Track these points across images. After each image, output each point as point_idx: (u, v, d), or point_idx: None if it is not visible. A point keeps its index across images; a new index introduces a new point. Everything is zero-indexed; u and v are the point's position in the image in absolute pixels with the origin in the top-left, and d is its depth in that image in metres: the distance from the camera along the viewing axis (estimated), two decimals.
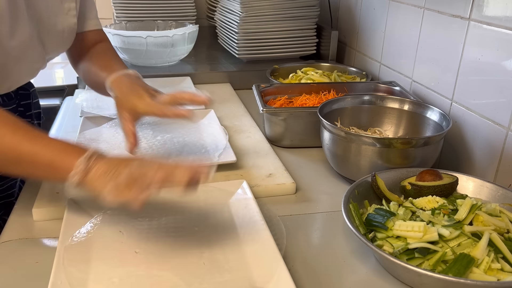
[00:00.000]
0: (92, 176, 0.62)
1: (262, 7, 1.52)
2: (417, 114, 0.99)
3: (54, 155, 0.64)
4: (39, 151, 0.64)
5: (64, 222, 0.70)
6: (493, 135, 0.89)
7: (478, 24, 0.92)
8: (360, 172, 0.85)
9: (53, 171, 0.65)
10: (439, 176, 0.78)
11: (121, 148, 0.97)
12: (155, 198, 0.78)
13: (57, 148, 0.65)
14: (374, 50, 1.39)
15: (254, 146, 1.03)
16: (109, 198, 0.61)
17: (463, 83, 0.98)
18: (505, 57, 0.85)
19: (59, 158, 0.64)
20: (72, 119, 1.16)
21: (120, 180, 0.61)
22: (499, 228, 0.67)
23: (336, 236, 0.75)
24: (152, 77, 1.43)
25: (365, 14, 1.44)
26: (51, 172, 0.65)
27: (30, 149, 0.64)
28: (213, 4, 1.96)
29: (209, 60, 1.69)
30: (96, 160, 0.63)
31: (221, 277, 0.62)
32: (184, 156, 0.95)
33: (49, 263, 0.62)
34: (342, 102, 1.03)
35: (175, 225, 0.73)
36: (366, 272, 0.67)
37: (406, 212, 0.72)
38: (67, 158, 0.64)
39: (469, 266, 0.60)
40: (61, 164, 0.64)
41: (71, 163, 0.63)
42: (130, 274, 0.62)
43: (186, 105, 0.85)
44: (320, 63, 1.48)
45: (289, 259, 0.69)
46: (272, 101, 1.15)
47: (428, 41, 1.10)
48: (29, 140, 0.65)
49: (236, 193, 0.81)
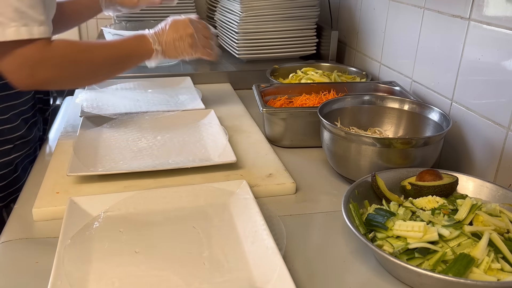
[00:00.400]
0: (166, 50, 0.99)
1: (262, 7, 1.52)
2: (417, 114, 0.99)
3: (138, 48, 0.97)
4: (133, 49, 0.97)
5: (64, 222, 0.70)
6: (493, 135, 0.89)
7: (478, 24, 0.92)
8: (360, 172, 0.85)
9: (142, 58, 0.99)
10: (439, 176, 0.78)
11: (121, 148, 0.97)
12: (155, 198, 0.78)
13: (137, 42, 0.98)
14: (374, 50, 1.39)
15: (254, 146, 1.03)
16: (188, 56, 1.03)
17: (463, 83, 0.98)
18: (505, 57, 0.85)
19: (143, 49, 0.97)
20: (72, 119, 1.16)
21: (185, 47, 1.01)
22: (499, 228, 0.67)
23: (336, 236, 0.75)
24: (152, 77, 1.43)
25: (365, 14, 1.44)
26: (141, 59, 0.99)
27: (125, 51, 0.97)
28: (213, 4, 1.96)
29: (209, 60, 1.69)
30: (161, 39, 0.98)
31: (221, 277, 0.62)
32: (184, 155, 0.95)
33: (49, 263, 0.62)
34: (342, 102, 1.03)
35: (175, 225, 0.73)
36: (366, 272, 0.67)
37: (406, 212, 0.72)
38: (146, 45, 0.97)
39: (469, 266, 0.60)
40: (146, 51, 0.97)
41: (150, 48, 0.97)
42: (130, 274, 0.62)
43: None
44: (320, 63, 1.48)
45: (289, 259, 0.69)
46: (272, 101, 1.15)
47: (428, 41, 1.10)
48: (118, 46, 0.96)
49: (236, 193, 0.81)
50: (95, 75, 0.96)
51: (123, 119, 1.10)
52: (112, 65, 0.96)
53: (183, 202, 0.78)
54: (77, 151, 0.92)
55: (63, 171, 0.88)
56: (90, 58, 0.91)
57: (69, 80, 0.92)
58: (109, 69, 0.96)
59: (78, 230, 0.70)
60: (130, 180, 0.87)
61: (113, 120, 1.09)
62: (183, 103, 1.23)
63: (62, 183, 0.85)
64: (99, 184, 0.86)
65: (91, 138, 1.00)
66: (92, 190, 0.83)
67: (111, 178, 0.87)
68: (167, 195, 0.79)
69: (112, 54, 0.95)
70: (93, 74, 0.95)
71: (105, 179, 0.87)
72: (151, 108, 1.18)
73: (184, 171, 0.90)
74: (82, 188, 0.84)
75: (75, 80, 0.95)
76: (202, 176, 0.89)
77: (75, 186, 0.85)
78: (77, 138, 0.98)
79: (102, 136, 1.03)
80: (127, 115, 1.13)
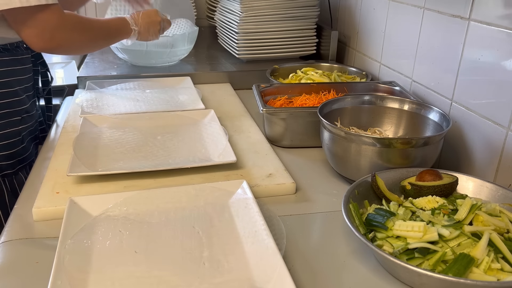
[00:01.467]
0: (141, 33, 1.21)
1: (262, 7, 1.52)
2: (417, 114, 0.99)
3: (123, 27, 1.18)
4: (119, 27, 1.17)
5: (64, 222, 0.70)
6: (493, 135, 0.89)
7: (478, 24, 0.92)
8: (360, 172, 0.85)
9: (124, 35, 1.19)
10: (439, 176, 0.78)
11: (121, 148, 0.97)
12: (155, 198, 0.78)
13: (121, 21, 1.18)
14: (374, 50, 1.39)
15: (254, 146, 1.03)
16: (154, 39, 1.27)
17: (463, 83, 0.98)
18: (505, 57, 0.85)
19: (126, 28, 1.18)
20: (72, 119, 1.16)
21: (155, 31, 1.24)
22: (499, 228, 0.66)
23: (336, 236, 0.75)
24: (152, 77, 1.43)
25: (365, 14, 1.44)
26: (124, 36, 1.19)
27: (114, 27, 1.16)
28: (213, 4, 1.96)
29: (209, 60, 1.69)
30: (137, 22, 1.19)
31: (221, 277, 0.62)
32: (184, 155, 0.95)
33: (49, 263, 0.62)
34: (342, 102, 1.03)
35: (175, 226, 0.73)
36: (366, 272, 0.67)
37: (406, 212, 0.72)
38: (127, 26, 1.18)
39: (469, 266, 0.60)
40: (127, 30, 1.18)
41: (130, 28, 1.18)
42: (130, 274, 0.62)
43: None
44: (320, 63, 1.48)
45: (289, 259, 0.69)
46: (272, 101, 1.15)
47: (428, 41, 1.10)
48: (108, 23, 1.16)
49: (236, 193, 0.81)
50: (96, 43, 1.15)
51: (123, 119, 1.10)
52: (107, 36, 1.16)
53: (183, 202, 0.78)
54: (77, 151, 0.92)
55: (63, 171, 0.88)
56: (93, 28, 1.09)
57: (79, 44, 1.07)
58: (105, 39, 1.16)
59: (78, 230, 0.70)
60: (130, 180, 0.87)
61: (113, 120, 1.09)
62: (183, 103, 1.23)
63: (62, 183, 0.86)
64: (99, 184, 0.86)
65: (91, 139, 1.00)
66: (92, 190, 0.84)
67: (111, 178, 0.87)
68: (167, 195, 0.79)
69: (107, 28, 1.15)
70: (95, 43, 1.14)
71: (105, 179, 0.87)
72: (151, 108, 1.18)
73: (184, 171, 0.90)
74: (82, 188, 0.84)
75: (83, 46, 1.11)
76: (202, 176, 0.89)
77: (75, 186, 0.85)
78: (77, 138, 0.98)
79: (102, 136, 1.03)
80: (127, 115, 1.13)
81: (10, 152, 1.07)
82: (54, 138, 1.10)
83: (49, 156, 0.99)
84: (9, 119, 1.05)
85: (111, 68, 1.52)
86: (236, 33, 1.54)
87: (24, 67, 1.09)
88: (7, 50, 1.05)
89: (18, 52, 1.08)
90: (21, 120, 1.09)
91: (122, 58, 1.55)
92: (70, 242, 0.66)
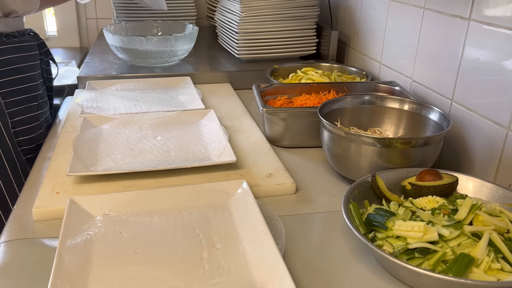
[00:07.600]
0: None
1: (262, 7, 1.52)
2: (417, 114, 0.99)
3: None
4: None
5: (64, 222, 0.70)
6: (493, 135, 0.89)
7: (478, 24, 0.92)
8: (360, 172, 0.85)
9: None
10: (439, 176, 0.78)
11: (121, 148, 0.97)
12: (155, 198, 0.78)
13: None
14: (374, 50, 1.39)
15: (254, 146, 1.03)
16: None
17: (463, 83, 0.98)
18: (505, 57, 0.85)
19: None
20: (72, 119, 1.16)
21: None
22: (499, 228, 0.66)
23: (336, 236, 0.75)
24: (152, 77, 1.43)
25: (365, 14, 1.44)
26: None
27: None
28: (213, 4, 1.96)
29: (209, 60, 1.69)
30: None
31: (221, 277, 0.62)
32: (184, 156, 0.95)
33: (49, 263, 0.62)
34: (342, 102, 1.03)
35: (175, 226, 0.73)
36: (366, 272, 0.67)
37: (406, 212, 0.71)
38: None
39: (469, 266, 0.60)
40: None
41: None
42: (130, 275, 0.62)
43: None
44: (320, 63, 1.48)
45: (289, 259, 0.69)
46: (272, 101, 1.15)
47: (428, 41, 1.10)
48: None
49: (236, 193, 0.81)
50: None
51: (123, 119, 1.10)
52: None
53: (183, 202, 0.78)
54: (77, 151, 0.92)
55: (63, 171, 0.88)
56: None
57: None
58: None
59: (78, 230, 0.70)
60: (130, 180, 0.87)
61: (113, 120, 1.09)
62: (183, 103, 1.23)
63: (62, 183, 0.86)
64: (99, 184, 0.86)
65: (91, 139, 1.00)
66: (92, 190, 0.84)
67: (111, 178, 0.87)
68: (167, 195, 0.79)
69: None
70: None
71: (105, 179, 0.87)
72: (151, 108, 1.18)
73: (184, 171, 0.90)
74: (82, 188, 0.84)
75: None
76: (202, 176, 0.89)
77: (75, 186, 0.85)
78: (77, 138, 0.98)
79: (102, 136, 1.03)
80: (127, 115, 1.13)
81: (31, 137, 1.12)
82: (54, 138, 1.10)
83: (49, 155, 0.99)
84: (28, 105, 1.11)
85: (111, 68, 1.52)
86: (236, 33, 1.54)
87: (33, 54, 1.15)
88: (15, 37, 1.11)
89: (26, 39, 1.14)
90: (37, 106, 1.14)
91: (122, 58, 1.55)
92: (70, 242, 0.66)
